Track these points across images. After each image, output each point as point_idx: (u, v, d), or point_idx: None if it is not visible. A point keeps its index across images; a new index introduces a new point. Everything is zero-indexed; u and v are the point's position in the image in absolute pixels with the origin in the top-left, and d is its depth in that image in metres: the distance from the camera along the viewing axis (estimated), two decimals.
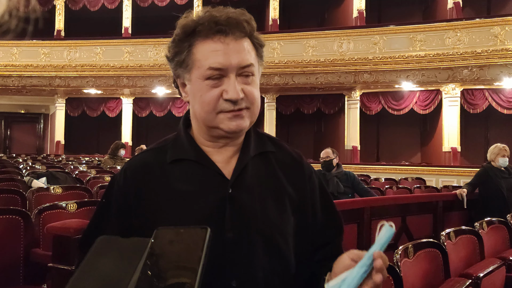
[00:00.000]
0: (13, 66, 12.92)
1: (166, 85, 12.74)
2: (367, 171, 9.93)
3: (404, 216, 4.48)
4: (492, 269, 2.49)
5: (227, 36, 0.98)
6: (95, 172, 6.22)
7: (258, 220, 0.99)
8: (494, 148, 5.09)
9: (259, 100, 1.03)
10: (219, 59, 0.97)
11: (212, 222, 0.86)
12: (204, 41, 0.98)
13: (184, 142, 1.05)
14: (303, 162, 1.12)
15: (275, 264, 1.00)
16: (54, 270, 1.94)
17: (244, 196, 1.00)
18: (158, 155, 1.05)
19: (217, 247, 0.89)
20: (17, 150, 15.54)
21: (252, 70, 1.01)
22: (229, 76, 0.98)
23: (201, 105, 0.99)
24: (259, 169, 1.05)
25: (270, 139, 1.12)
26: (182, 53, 1.01)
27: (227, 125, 0.99)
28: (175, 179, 1.01)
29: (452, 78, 10.50)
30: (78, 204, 2.98)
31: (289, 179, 1.07)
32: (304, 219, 1.06)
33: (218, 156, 1.04)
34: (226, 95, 0.97)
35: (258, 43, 1.04)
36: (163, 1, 13.40)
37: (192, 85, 1.01)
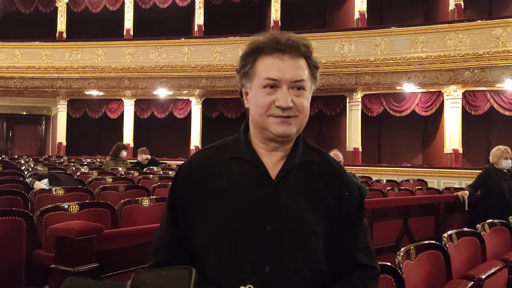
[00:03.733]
0: (15, 68, 12.95)
1: (167, 86, 12.76)
2: (368, 172, 9.92)
3: (405, 217, 4.48)
4: (494, 271, 2.48)
5: (285, 54, 1.16)
6: (97, 174, 6.22)
7: (294, 218, 1.14)
8: (497, 150, 5.09)
9: (307, 111, 1.20)
10: (275, 72, 1.15)
11: (254, 215, 1.12)
12: (265, 57, 1.18)
13: (242, 143, 1.22)
14: (343, 174, 1.26)
15: (305, 258, 1.14)
16: (56, 272, 1.94)
17: (284, 196, 1.15)
18: (218, 152, 1.23)
19: (257, 237, 1.11)
20: (19, 151, 15.57)
21: (304, 85, 1.18)
22: (282, 87, 1.15)
23: (256, 108, 1.17)
24: (302, 175, 1.19)
25: (316, 149, 1.27)
26: (247, 66, 1.20)
27: (275, 128, 1.15)
28: (228, 174, 1.18)
29: (453, 79, 10.49)
30: (80, 206, 2.98)
31: (328, 187, 1.20)
32: (337, 225, 1.18)
33: (268, 158, 1.20)
34: (278, 102, 1.14)
35: (313, 64, 1.22)
36: (164, 3, 13.42)
37: (252, 92, 1.20)
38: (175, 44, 12.55)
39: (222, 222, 1.14)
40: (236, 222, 1.13)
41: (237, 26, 13.69)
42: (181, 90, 13.05)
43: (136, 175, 6.44)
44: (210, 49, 12.19)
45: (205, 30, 13.25)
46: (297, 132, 1.19)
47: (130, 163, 8.25)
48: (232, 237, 1.13)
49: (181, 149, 14.39)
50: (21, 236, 2.56)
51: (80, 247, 1.94)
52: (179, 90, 13.05)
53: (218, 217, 1.14)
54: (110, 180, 5.29)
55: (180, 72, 12.32)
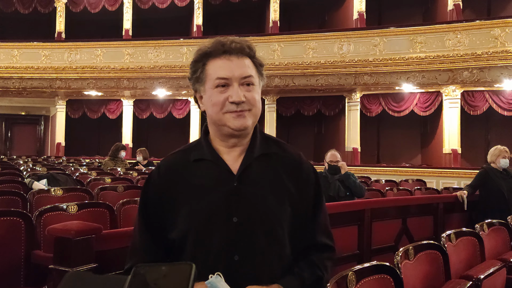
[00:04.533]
0: (14, 68, 12.94)
1: (166, 86, 12.75)
2: (367, 172, 9.92)
3: (404, 218, 4.48)
4: (493, 271, 2.49)
5: (231, 55, 1.27)
6: (95, 174, 6.21)
7: (259, 208, 1.23)
8: (495, 150, 5.10)
9: (259, 104, 1.29)
10: (225, 71, 1.25)
11: (221, 209, 1.22)
12: (214, 60, 1.27)
13: (203, 145, 1.31)
14: (302, 161, 1.35)
15: (272, 245, 1.23)
16: (55, 272, 1.94)
17: (248, 188, 1.24)
18: (184, 155, 1.32)
19: (225, 229, 1.21)
20: (17, 151, 15.54)
21: (252, 80, 1.27)
22: (233, 84, 1.25)
23: (212, 108, 1.26)
24: (263, 167, 1.28)
25: (274, 141, 1.36)
26: (198, 71, 1.29)
27: (233, 123, 1.23)
28: (195, 175, 1.27)
29: (452, 79, 10.50)
30: (79, 206, 2.98)
31: (289, 176, 1.29)
32: (299, 210, 1.28)
33: (228, 155, 1.29)
34: (231, 98, 1.23)
35: (258, 62, 1.31)
36: (163, 3, 13.41)
37: (205, 94, 1.29)
38: (174, 44, 12.55)
39: (193, 219, 1.23)
40: (205, 217, 1.22)
41: (236, 27, 13.69)
42: (180, 90, 13.05)
43: (135, 175, 6.44)
44: None
45: (204, 30, 13.24)
46: (253, 124, 1.28)
47: (129, 164, 8.24)
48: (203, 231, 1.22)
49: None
50: (19, 237, 2.55)
51: (78, 248, 1.94)
52: (178, 90, 13.05)
53: (189, 214, 1.23)
54: (109, 180, 5.29)
55: (179, 72, 12.31)
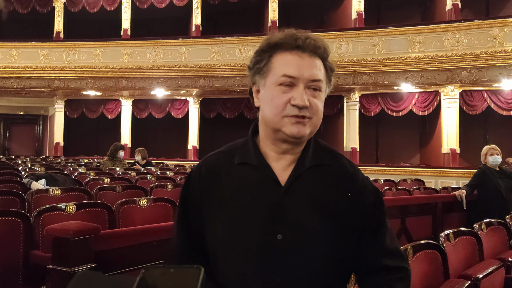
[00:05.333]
0: (12, 68, 12.92)
1: (165, 86, 12.74)
2: (366, 172, 9.83)
3: (403, 217, 4.49)
4: (491, 270, 2.49)
5: (304, 52, 1.12)
6: (94, 174, 6.20)
7: (303, 227, 1.09)
8: (483, 150, 5.14)
9: (321, 113, 1.15)
10: (293, 69, 1.10)
11: (262, 222, 1.09)
12: (283, 53, 1.12)
13: (250, 148, 1.18)
14: (357, 176, 1.19)
15: (315, 268, 1.09)
16: (53, 272, 1.93)
17: (294, 203, 1.11)
18: (228, 157, 1.19)
19: (265, 245, 1.08)
20: (16, 151, 15.52)
21: (320, 85, 1.13)
22: (298, 85, 1.10)
23: (271, 108, 1.12)
24: (312, 180, 1.14)
25: (329, 151, 1.21)
26: (262, 62, 1.14)
27: (289, 129, 1.10)
28: (238, 181, 1.15)
29: (451, 79, 10.51)
30: (77, 206, 2.97)
31: (340, 191, 1.15)
32: (353, 229, 1.13)
33: (277, 163, 1.15)
34: (294, 101, 1.09)
35: (329, 67, 1.16)
36: (162, 3, 13.40)
37: (265, 90, 1.14)
38: (173, 44, 12.54)
39: (230, 229, 1.12)
40: (243, 229, 1.10)
41: (234, 26, 13.69)
42: (179, 90, 13.04)
43: (133, 175, 6.43)
44: (208, 49, 12.18)
45: (203, 30, 13.23)
46: (310, 134, 1.14)
47: (128, 163, 8.24)
48: (240, 245, 1.10)
49: (179, 149, 14.37)
50: (18, 237, 2.55)
51: (77, 248, 1.94)
52: (176, 90, 13.04)
53: (227, 223, 1.12)
54: (108, 180, 5.28)
55: (178, 72, 12.30)
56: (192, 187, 1.20)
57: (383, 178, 8.37)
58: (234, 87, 12.27)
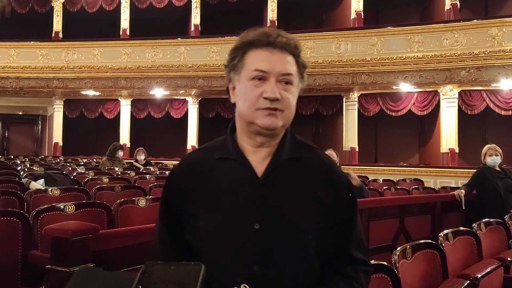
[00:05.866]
0: (11, 68, 12.90)
1: (164, 86, 12.74)
2: (365, 172, 9.92)
3: (402, 217, 4.49)
4: (490, 270, 2.49)
5: (275, 48, 1.17)
6: (93, 174, 6.20)
7: (283, 215, 1.14)
8: (483, 150, 5.14)
9: (293, 107, 1.20)
10: (265, 64, 1.16)
11: (242, 214, 1.13)
12: (255, 50, 1.18)
13: (229, 143, 1.23)
14: (334, 169, 1.25)
15: (296, 255, 1.13)
16: (52, 272, 1.93)
17: (273, 193, 1.15)
18: (209, 153, 1.23)
19: (246, 236, 1.11)
20: (15, 151, 15.50)
21: (291, 79, 1.18)
22: (270, 79, 1.16)
23: (244, 102, 1.18)
24: (291, 171, 1.19)
25: (306, 145, 1.26)
26: (236, 58, 1.20)
27: (262, 121, 1.15)
28: (218, 175, 1.19)
29: (449, 79, 10.52)
30: (76, 206, 2.97)
31: (318, 182, 1.20)
32: (329, 220, 1.18)
33: (254, 156, 1.20)
34: (265, 94, 1.15)
35: (301, 63, 1.22)
36: (161, 3, 13.39)
37: (239, 85, 1.20)
38: (172, 44, 12.53)
39: (212, 221, 1.15)
40: (224, 220, 1.14)
41: (233, 26, 13.49)
42: (178, 90, 13.04)
43: (132, 175, 6.43)
44: (207, 49, 12.17)
45: (202, 30, 13.23)
46: (283, 126, 1.19)
47: (127, 163, 8.23)
48: (223, 236, 1.14)
49: (178, 149, 14.37)
50: (16, 237, 2.55)
51: (75, 248, 1.93)
52: (175, 90, 13.03)
53: (208, 217, 1.16)
54: (107, 180, 5.28)
55: (177, 72, 12.30)
56: (174, 184, 1.24)
57: (382, 177, 8.38)
58: None
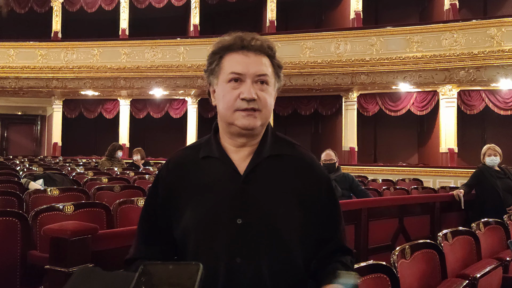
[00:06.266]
0: (10, 68, 12.89)
1: (163, 86, 12.74)
2: (364, 172, 9.93)
3: (401, 217, 4.49)
4: (489, 269, 2.49)
5: (249, 51, 1.23)
6: (92, 174, 6.19)
7: (264, 210, 1.18)
8: (483, 149, 5.14)
9: (271, 106, 1.24)
10: (240, 67, 1.21)
11: (224, 210, 1.17)
12: (231, 54, 1.24)
13: (213, 143, 1.27)
14: (314, 165, 1.29)
15: (276, 249, 1.16)
16: (51, 272, 1.93)
17: (254, 189, 1.19)
18: (193, 152, 1.29)
19: (228, 230, 1.16)
20: (14, 151, 15.49)
21: (267, 79, 1.23)
22: (246, 81, 1.21)
23: (223, 104, 1.22)
24: (272, 168, 1.23)
25: (287, 142, 1.30)
26: (213, 63, 1.27)
27: (241, 121, 1.19)
28: (202, 173, 1.24)
29: (449, 79, 10.52)
30: (75, 206, 2.97)
31: (299, 178, 1.23)
32: (310, 215, 1.22)
33: (236, 155, 1.24)
34: (242, 95, 1.19)
35: (276, 63, 1.27)
36: (160, 3, 13.39)
37: (218, 88, 1.25)
38: (171, 44, 12.53)
39: (197, 218, 1.19)
40: (208, 217, 1.18)
41: (233, 26, 13.24)
42: (177, 90, 13.04)
43: (131, 175, 6.42)
44: (206, 49, 12.10)
45: (201, 30, 13.23)
46: (262, 126, 1.23)
47: (126, 163, 8.23)
48: (206, 231, 1.18)
49: (177, 149, 13.76)
50: (15, 237, 2.55)
51: (74, 248, 1.93)
52: (175, 90, 13.03)
53: (193, 213, 1.20)
54: (106, 180, 5.28)
55: (176, 72, 12.30)
56: (161, 183, 1.28)
57: (381, 177, 8.38)
58: None
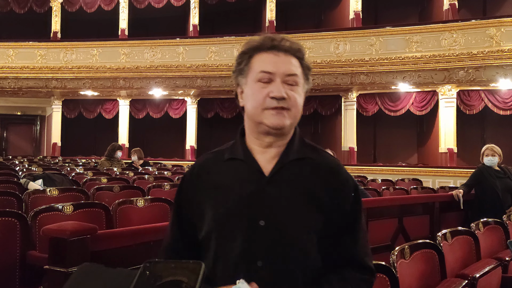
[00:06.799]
0: (9, 68, 12.88)
1: (162, 86, 12.73)
2: (364, 172, 9.93)
3: (401, 217, 4.49)
4: (488, 269, 2.50)
5: (279, 51, 1.22)
6: (91, 174, 6.20)
7: (286, 213, 1.16)
8: (482, 149, 5.14)
9: (300, 106, 1.23)
10: (270, 66, 1.21)
11: (246, 210, 1.16)
12: (261, 54, 1.23)
13: (238, 145, 1.27)
14: (340, 171, 1.26)
15: (296, 253, 1.15)
16: (50, 273, 1.93)
17: (277, 191, 1.18)
18: (218, 155, 1.28)
19: (250, 232, 1.14)
20: (13, 152, 15.48)
21: (296, 80, 1.22)
22: (276, 80, 1.20)
23: (252, 102, 1.21)
24: (296, 172, 1.21)
25: (313, 147, 1.29)
26: (242, 63, 1.25)
27: (270, 120, 1.18)
28: (225, 174, 1.23)
29: (448, 79, 10.53)
30: (75, 206, 2.97)
31: (323, 183, 1.21)
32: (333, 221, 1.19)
33: (262, 156, 1.23)
34: (272, 93, 1.18)
35: (306, 65, 1.26)
36: (159, 3, 13.39)
37: (247, 88, 1.24)
38: (170, 44, 12.52)
39: (218, 219, 1.18)
40: (230, 217, 1.17)
41: (232, 26, 13.68)
42: (177, 90, 13.03)
43: (131, 175, 6.42)
44: (205, 49, 12.17)
45: (200, 30, 13.22)
46: (291, 126, 1.22)
47: (126, 164, 8.23)
48: (227, 232, 1.17)
49: (176, 149, 14.37)
50: (15, 237, 2.55)
51: (73, 248, 1.93)
52: (174, 90, 13.03)
53: (214, 214, 1.19)
54: (105, 180, 5.28)
55: (175, 72, 12.29)
56: (186, 188, 1.28)
57: (380, 177, 8.38)
58: (231, 87, 11.98)
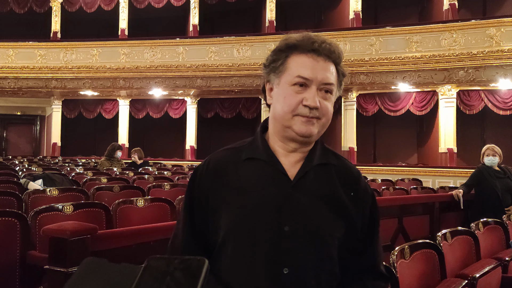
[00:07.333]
0: (9, 68, 12.88)
1: (162, 86, 12.73)
2: (363, 172, 9.85)
3: (400, 217, 4.49)
4: (488, 269, 2.50)
5: (319, 56, 1.17)
6: (91, 174, 6.19)
7: (311, 219, 1.13)
8: (483, 149, 5.15)
9: (330, 115, 1.20)
10: (308, 71, 1.15)
11: (271, 214, 1.11)
12: (299, 55, 1.17)
13: (259, 144, 1.21)
14: (360, 179, 1.25)
15: (322, 260, 1.13)
16: (50, 273, 1.93)
17: (302, 196, 1.14)
18: (235, 153, 1.21)
19: (274, 237, 1.10)
20: (13, 152, 15.49)
21: (332, 88, 1.18)
22: (311, 87, 1.16)
23: (283, 106, 1.16)
24: (319, 177, 1.19)
25: (334, 154, 1.27)
26: (278, 61, 1.19)
27: (299, 127, 1.15)
28: (244, 175, 1.17)
29: (448, 79, 10.53)
30: (75, 206, 2.97)
31: (345, 190, 1.19)
32: (351, 227, 1.17)
33: (286, 159, 1.19)
34: (306, 101, 1.14)
35: (342, 72, 1.22)
36: (159, 3, 13.39)
37: (279, 88, 1.19)
38: (170, 44, 12.53)
39: (239, 221, 1.13)
40: (252, 221, 1.12)
41: (232, 26, 13.69)
42: (176, 90, 13.03)
43: (131, 175, 6.42)
44: (205, 49, 12.17)
45: (200, 30, 13.23)
46: (318, 134, 1.19)
47: (125, 163, 8.22)
48: (248, 236, 1.12)
49: (176, 149, 14.36)
50: (15, 237, 2.55)
51: (73, 248, 1.93)
52: (174, 90, 13.03)
53: (235, 215, 1.14)
54: (105, 180, 5.27)
55: (175, 72, 12.30)
56: (198, 183, 1.21)
57: (380, 177, 8.37)
58: (231, 87, 12.26)
